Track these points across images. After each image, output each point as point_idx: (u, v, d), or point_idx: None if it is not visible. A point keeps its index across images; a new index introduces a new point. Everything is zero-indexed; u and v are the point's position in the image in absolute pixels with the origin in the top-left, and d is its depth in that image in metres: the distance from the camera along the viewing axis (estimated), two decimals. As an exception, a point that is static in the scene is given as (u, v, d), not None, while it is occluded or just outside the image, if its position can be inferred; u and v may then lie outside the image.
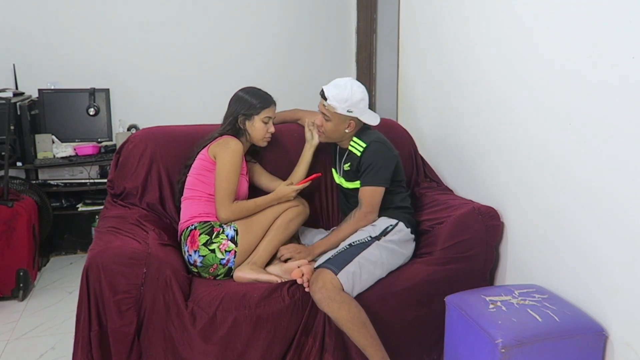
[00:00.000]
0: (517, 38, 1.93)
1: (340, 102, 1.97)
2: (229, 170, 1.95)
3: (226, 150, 1.97)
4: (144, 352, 1.72)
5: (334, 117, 2.02)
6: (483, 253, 2.02)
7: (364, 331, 1.74)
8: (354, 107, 1.98)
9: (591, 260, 1.63)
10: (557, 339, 1.53)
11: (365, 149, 2.02)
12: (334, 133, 2.07)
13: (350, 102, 1.97)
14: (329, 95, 1.98)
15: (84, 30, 3.35)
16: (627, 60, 1.45)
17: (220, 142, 2.01)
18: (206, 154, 2.02)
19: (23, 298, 2.69)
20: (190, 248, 1.93)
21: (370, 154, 2.01)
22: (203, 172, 2.01)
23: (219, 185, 1.95)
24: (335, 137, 2.10)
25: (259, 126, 2.06)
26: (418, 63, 2.75)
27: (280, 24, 3.74)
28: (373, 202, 2.01)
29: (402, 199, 2.11)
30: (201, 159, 2.03)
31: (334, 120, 2.02)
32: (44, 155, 3.03)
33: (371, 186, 2.00)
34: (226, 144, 1.99)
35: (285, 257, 1.98)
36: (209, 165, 2.00)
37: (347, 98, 1.96)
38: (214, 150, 2.00)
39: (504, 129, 2.05)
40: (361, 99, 1.99)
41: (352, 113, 2.00)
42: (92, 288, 1.66)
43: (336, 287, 1.75)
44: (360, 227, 2.00)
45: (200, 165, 2.02)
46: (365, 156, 2.02)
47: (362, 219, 2.01)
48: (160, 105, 3.54)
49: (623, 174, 1.49)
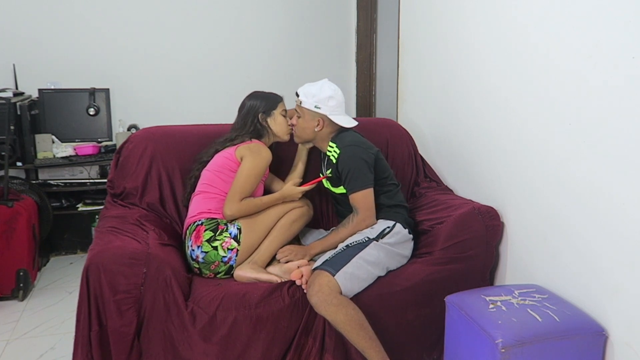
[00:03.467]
0: (517, 38, 1.94)
1: (307, 96, 2.04)
2: (251, 174, 1.96)
3: (257, 156, 1.99)
4: (144, 352, 1.72)
5: (303, 113, 2.07)
6: (483, 253, 2.02)
7: (362, 333, 1.74)
8: (322, 103, 2.03)
9: (591, 260, 1.63)
10: (557, 339, 1.53)
11: (339, 156, 2.02)
12: (304, 131, 2.09)
13: (317, 98, 2.02)
14: (299, 91, 2.07)
15: (84, 30, 3.35)
16: (627, 60, 1.45)
17: (251, 147, 2.02)
18: (233, 154, 2.02)
19: (23, 298, 2.69)
20: (194, 243, 1.93)
21: (344, 160, 2.00)
22: (225, 170, 2.02)
23: (236, 183, 1.96)
24: (305, 136, 2.11)
25: (281, 120, 2.12)
26: (418, 63, 2.75)
27: (280, 24, 3.74)
28: (367, 205, 1.99)
29: (393, 196, 2.09)
30: (226, 157, 2.03)
31: (303, 117, 2.07)
32: (44, 155, 3.03)
33: (357, 191, 1.99)
34: (257, 150, 2.01)
35: (282, 260, 1.98)
36: (233, 165, 2.01)
37: (315, 93, 2.03)
38: (243, 152, 2.01)
39: (504, 128, 2.05)
40: (330, 97, 2.03)
41: (320, 110, 2.03)
42: (92, 288, 1.65)
43: (333, 290, 1.74)
44: (359, 231, 2.00)
45: (224, 163, 2.03)
46: (340, 163, 2.02)
47: (361, 223, 1.99)
48: (160, 105, 3.54)
49: (623, 174, 1.49)
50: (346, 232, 2.00)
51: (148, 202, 2.16)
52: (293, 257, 1.98)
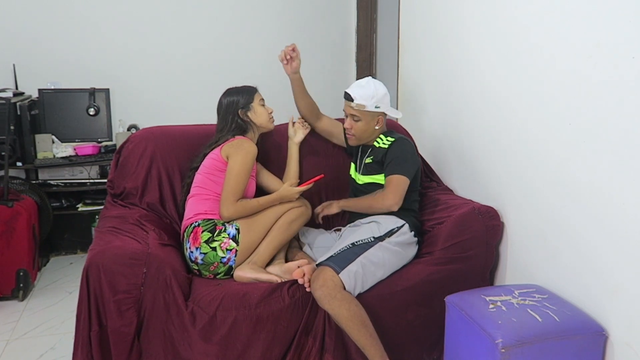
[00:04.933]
0: (517, 38, 1.93)
1: (367, 99, 2.05)
2: (240, 171, 1.96)
3: (240, 151, 1.98)
4: (144, 352, 1.73)
5: (364, 116, 2.08)
6: (483, 253, 2.02)
7: (363, 330, 1.74)
8: (381, 102, 2.07)
9: (591, 260, 1.63)
10: (557, 339, 1.53)
11: (393, 142, 2.10)
12: (365, 132, 2.13)
13: (376, 98, 2.06)
14: (356, 96, 2.06)
15: (84, 30, 3.35)
16: (627, 60, 1.45)
17: (234, 143, 2.02)
18: (218, 154, 2.02)
19: (23, 298, 2.69)
20: (192, 245, 1.93)
21: (399, 146, 2.08)
22: (214, 171, 2.02)
23: (227, 184, 1.96)
24: (365, 137, 2.15)
25: (260, 110, 2.12)
26: (418, 63, 2.75)
27: (280, 23, 3.74)
28: (398, 190, 2.00)
29: (412, 202, 2.12)
30: (213, 158, 2.04)
31: (365, 119, 2.08)
32: (44, 155, 3.03)
33: (397, 174, 2.02)
34: (241, 145, 2.00)
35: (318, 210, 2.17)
36: (221, 165, 2.01)
37: (373, 94, 2.05)
38: (227, 150, 2.01)
39: (504, 128, 2.05)
40: (385, 94, 2.09)
41: (380, 108, 2.08)
42: (92, 288, 1.66)
43: (337, 285, 1.75)
44: (377, 208, 2.02)
45: (212, 164, 2.03)
46: (393, 148, 2.08)
47: (383, 201, 1.99)
48: (160, 105, 3.54)
49: (623, 174, 1.49)
50: (368, 201, 2.07)
51: (148, 202, 2.16)
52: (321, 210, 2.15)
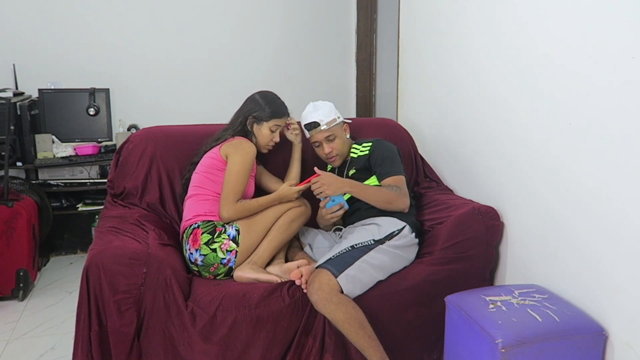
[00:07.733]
0: (517, 38, 1.94)
1: (330, 114, 2.14)
2: (239, 171, 1.95)
3: (240, 151, 1.98)
4: (144, 352, 1.72)
5: (336, 131, 2.14)
6: (483, 253, 2.02)
7: (361, 332, 1.73)
8: (335, 112, 2.16)
9: (591, 260, 1.63)
10: (557, 339, 1.53)
11: (373, 145, 2.14)
12: (344, 145, 2.18)
13: (333, 110, 2.16)
14: (320, 119, 2.12)
15: (84, 30, 3.35)
16: (627, 60, 1.45)
17: (234, 143, 2.01)
18: (217, 153, 2.02)
19: (23, 298, 2.69)
20: (192, 246, 1.93)
21: (380, 148, 2.12)
22: (213, 170, 2.01)
23: (227, 184, 1.95)
24: (345, 150, 2.20)
25: (266, 133, 2.10)
26: (418, 63, 2.75)
27: (280, 24, 3.74)
28: (405, 190, 2.03)
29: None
30: (211, 157, 2.03)
31: (338, 134, 2.15)
32: (44, 155, 3.03)
33: (397, 175, 2.04)
34: (240, 145, 2.00)
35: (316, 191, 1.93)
36: (220, 164, 2.01)
37: (329, 109, 2.15)
38: (227, 150, 2.00)
39: (503, 129, 2.05)
40: (332, 105, 2.18)
41: (340, 117, 2.18)
42: (92, 288, 1.65)
43: (333, 289, 1.74)
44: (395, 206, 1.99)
45: (210, 163, 2.02)
46: (375, 150, 2.11)
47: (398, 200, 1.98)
48: (160, 105, 3.54)
49: (623, 174, 1.49)
50: (384, 192, 1.99)
51: (148, 202, 2.16)
52: (326, 189, 1.93)
